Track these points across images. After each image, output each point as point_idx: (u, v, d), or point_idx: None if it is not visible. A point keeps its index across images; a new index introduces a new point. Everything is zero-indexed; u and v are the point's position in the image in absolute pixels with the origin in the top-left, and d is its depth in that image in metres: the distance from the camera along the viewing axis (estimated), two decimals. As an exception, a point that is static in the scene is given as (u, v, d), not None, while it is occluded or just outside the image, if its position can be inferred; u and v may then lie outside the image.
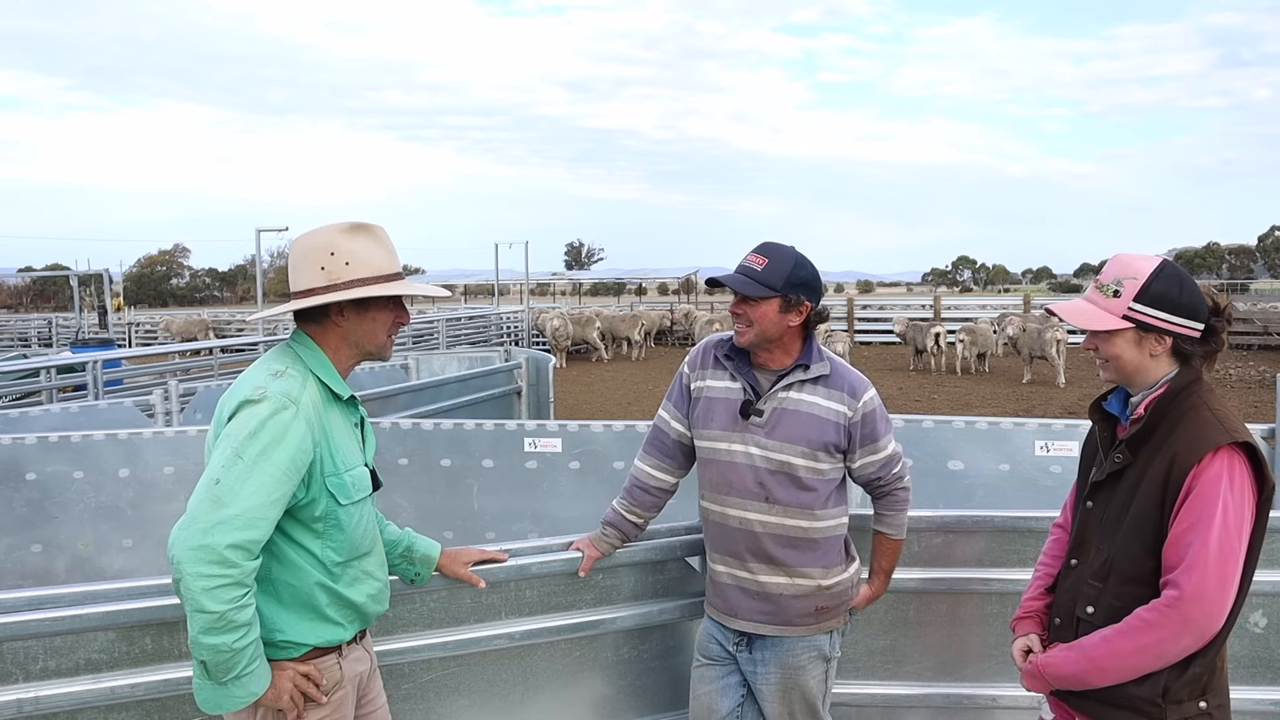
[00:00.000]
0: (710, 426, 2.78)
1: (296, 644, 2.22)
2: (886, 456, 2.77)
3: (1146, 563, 2.15)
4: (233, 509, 2.03)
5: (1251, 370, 19.60)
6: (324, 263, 2.24)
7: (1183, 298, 2.17)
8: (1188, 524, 2.07)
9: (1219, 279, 61.93)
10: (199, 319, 31.76)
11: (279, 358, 2.27)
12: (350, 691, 2.35)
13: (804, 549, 2.72)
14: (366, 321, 2.29)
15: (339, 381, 2.30)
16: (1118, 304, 2.19)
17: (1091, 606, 2.23)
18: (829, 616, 2.79)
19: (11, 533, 5.64)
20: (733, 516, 2.75)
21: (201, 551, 1.99)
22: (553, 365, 9.56)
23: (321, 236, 2.27)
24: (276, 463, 2.09)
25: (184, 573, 2.00)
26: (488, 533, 5.79)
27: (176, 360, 16.18)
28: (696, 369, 2.87)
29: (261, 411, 2.11)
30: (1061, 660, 2.22)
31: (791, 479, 2.69)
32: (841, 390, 2.72)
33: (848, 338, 20.85)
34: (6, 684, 2.40)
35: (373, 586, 2.36)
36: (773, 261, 2.67)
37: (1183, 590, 2.04)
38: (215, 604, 1.99)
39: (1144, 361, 2.21)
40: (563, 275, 50.72)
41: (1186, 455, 2.10)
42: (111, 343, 18.74)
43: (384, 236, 2.34)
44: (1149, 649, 2.09)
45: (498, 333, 25.95)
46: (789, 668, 2.76)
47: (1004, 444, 5.38)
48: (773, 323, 2.67)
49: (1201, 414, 2.15)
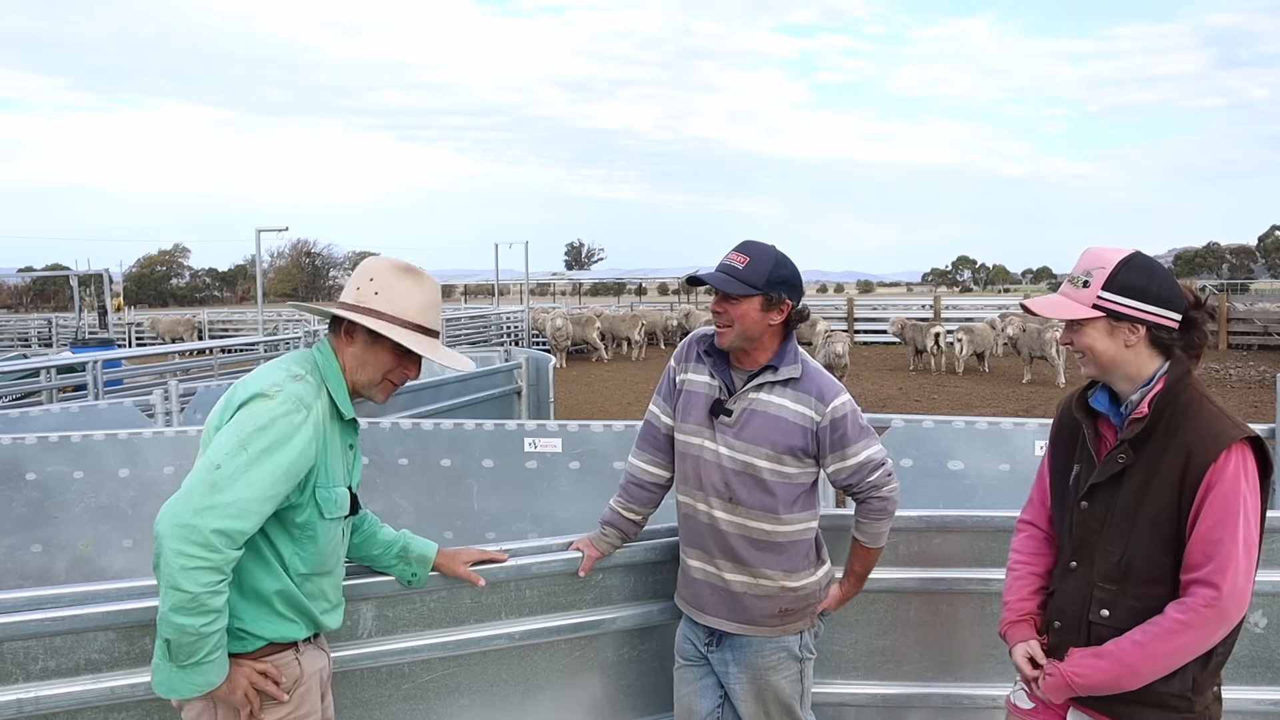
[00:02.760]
0: (687, 420, 2.79)
1: (252, 635, 2.23)
2: (858, 463, 2.70)
3: (1165, 561, 2.14)
4: (227, 496, 2.04)
5: (1251, 370, 19.59)
6: (362, 284, 2.31)
7: (1151, 286, 2.17)
8: (1214, 520, 2.07)
9: (1219, 279, 61.89)
10: (186, 319, 32.02)
11: (301, 361, 2.30)
12: (315, 686, 2.35)
13: (766, 550, 2.71)
14: (369, 354, 2.31)
15: (345, 400, 2.32)
16: (1087, 294, 2.20)
17: (1107, 610, 2.21)
18: (794, 619, 2.77)
19: (11, 533, 5.63)
20: (701, 511, 2.76)
21: (187, 530, 2.01)
22: (553, 365, 9.56)
23: (377, 263, 2.35)
24: (278, 462, 2.10)
25: (165, 548, 2.01)
26: (488, 533, 5.79)
27: (176, 360, 16.16)
28: (681, 361, 2.88)
29: (274, 409, 2.13)
30: (1093, 669, 2.19)
31: (755, 480, 2.68)
32: (810, 394, 2.70)
33: (847, 338, 20.84)
34: (6, 684, 2.40)
35: (325, 605, 2.38)
36: (754, 260, 2.66)
37: (1222, 590, 2.05)
38: (191, 584, 2.00)
39: (1119, 352, 2.20)
40: (563, 275, 50.76)
41: (1203, 452, 2.09)
42: (111, 343, 18.74)
43: (430, 287, 2.36)
44: (1185, 649, 2.10)
45: (498, 333, 25.93)
46: (758, 668, 2.76)
47: (1004, 444, 5.38)
48: (754, 321, 2.67)
49: (1206, 408, 2.15)
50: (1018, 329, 18.91)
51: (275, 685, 2.24)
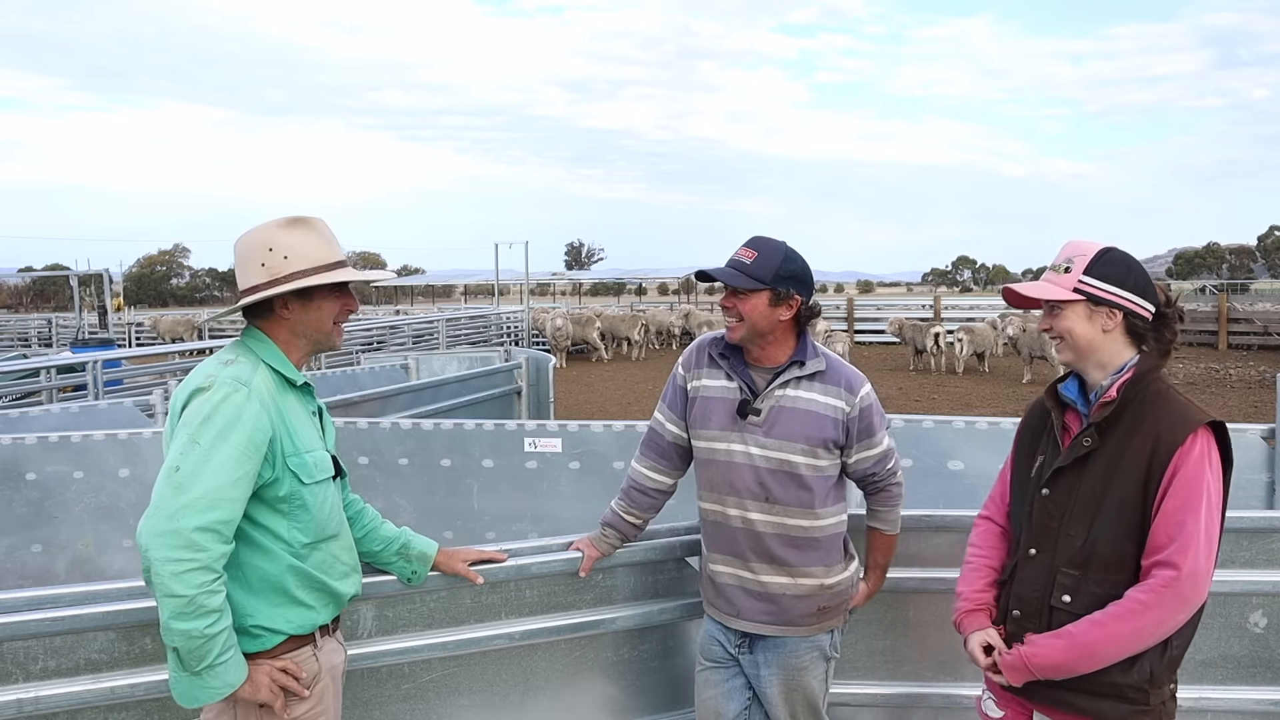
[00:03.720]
0: (708, 426, 2.77)
1: (269, 630, 2.22)
2: (882, 451, 2.77)
3: (1127, 546, 2.18)
4: (194, 492, 2.04)
5: (1251, 370, 19.59)
6: (264, 259, 2.27)
7: (1129, 276, 2.26)
8: (1178, 503, 2.11)
9: (1219, 279, 61.92)
10: (185, 319, 32.12)
11: (230, 350, 2.30)
12: (330, 683, 2.35)
13: (806, 548, 2.72)
14: (312, 311, 2.32)
15: (291, 368, 2.32)
16: (1068, 279, 2.28)
17: (1069, 595, 2.24)
18: (830, 615, 2.79)
19: (11, 533, 5.64)
20: (733, 516, 2.74)
21: (168, 537, 2.00)
22: (553, 365, 9.56)
23: (260, 234, 2.30)
24: (234, 444, 2.11)
25: (152, 559, 2.00)
26: (488, 533, 5.79)
27: (176, 360, 16.14)
28: (691, 369, 2.86)
29: (213, 397, 2.13)
30: (1049, 649, 2.22)
31: (792, 477, 2.69)
32: (839, 386, 2.72)
33: (847, 338, 20.85)
34: (6, 684, 2.40)
35: (341, 570, 2.37)
36: (762, 255, 2.67)
37: (1181, 569, 2.08)
38: (184, 588, 2.00)
39: (1097, 337, 2.26)
40: (563, 275, 50.71)
41: (1170, 436, 2.14)
42: (111, 343, 18.73)
43: (323, 228, 2.35)
44: (1145, 630, 2.12)
45: (498, 333, 25.94)
46: (791, 669, 2.76)
47: (1004, 444, 5.32)
48: (763, 316, 2.67)
49: (1173, 396, 2.22)
50: (1018, 329, 18.93)
51: (296, 681, 2.24)
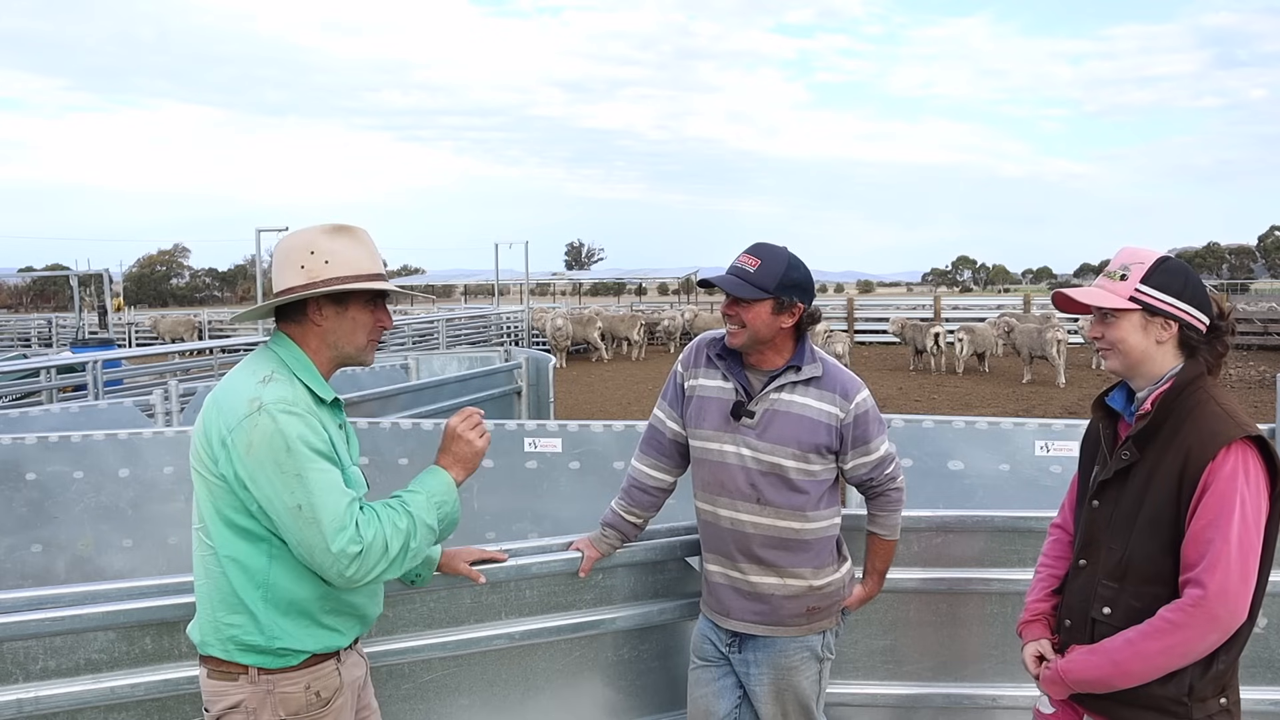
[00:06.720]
0: (703, 426, 2.78)
1: (295, 651, 2.21)
2: (879, 458, 2.76)
3: (1164, 561, 2.13)
4: (325, 518, 2.09)
5: (1251, 370, 19.59)
6: (304, 261, 2.24)
7: (1186, 287, 2.19)
8: (1207, 520, 2.06)
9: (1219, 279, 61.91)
10: (187, 319, 32.08)
11: (262, 362, 2.24)
12: (349, 698, 2.34)
13: (795, 550, 2.72)
14: (346, 321, 2.28)
15: (322, 384, 2.28)
16: (1125, 286, 2.21)
17: (1108, 607, 2.21)
18: (821, 617, 2.78)
19: (11, 533, 5.63)
20: (724, 516, 2.75)
21: (343, 559, 2.09)
22: (553, 365, 9.56)
23: (302, 237, 2.28)
24: (316, 461, 2.12)
25: (366, 577, 2.13)
26: (488, 533, 5.78)
27: (176, 360, 16.16)
28: (690, 367, 2.87)
29: (267, 426, 2.10)
30: (1084, 664, 2.19)
31: (783, 480, 2.69)
32: (834, 392, 2.71)
33: (847, 338, 20.85)
34: (6, 684, 2.40)
35: (371, 588, 2.36)
36: (765, 263, 2.66)
37: (1208, 589, 2.03)
38: (397, 543, 2.16)
39: (1150, 348, 2.20)
40: (563, 275, 50.69)
41: (1201, 451, 2.08)
42: (111, 343, 18.73)
43: (365, 238, 2.33)
44: (1175, 649, 2.08)
45: (498, 333, 25.94)
46: (781, 668, 2.76)
47: (1004, 444, 5.38)
48: (765, 324, 2.66)
49: (1210, 408, 2.14)
50: (1010, 325, 19.09)
51: (477, 421, 2.40)
